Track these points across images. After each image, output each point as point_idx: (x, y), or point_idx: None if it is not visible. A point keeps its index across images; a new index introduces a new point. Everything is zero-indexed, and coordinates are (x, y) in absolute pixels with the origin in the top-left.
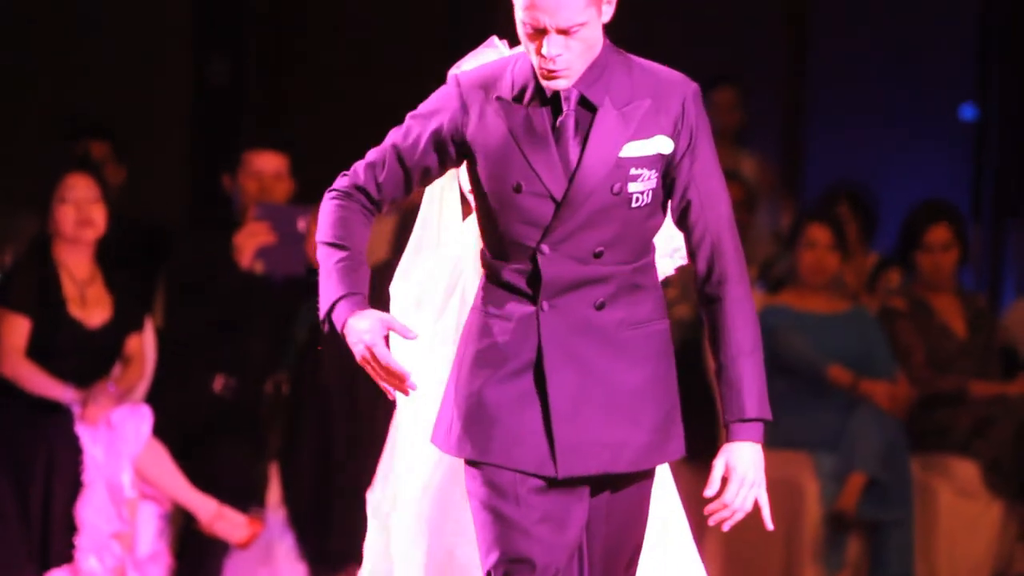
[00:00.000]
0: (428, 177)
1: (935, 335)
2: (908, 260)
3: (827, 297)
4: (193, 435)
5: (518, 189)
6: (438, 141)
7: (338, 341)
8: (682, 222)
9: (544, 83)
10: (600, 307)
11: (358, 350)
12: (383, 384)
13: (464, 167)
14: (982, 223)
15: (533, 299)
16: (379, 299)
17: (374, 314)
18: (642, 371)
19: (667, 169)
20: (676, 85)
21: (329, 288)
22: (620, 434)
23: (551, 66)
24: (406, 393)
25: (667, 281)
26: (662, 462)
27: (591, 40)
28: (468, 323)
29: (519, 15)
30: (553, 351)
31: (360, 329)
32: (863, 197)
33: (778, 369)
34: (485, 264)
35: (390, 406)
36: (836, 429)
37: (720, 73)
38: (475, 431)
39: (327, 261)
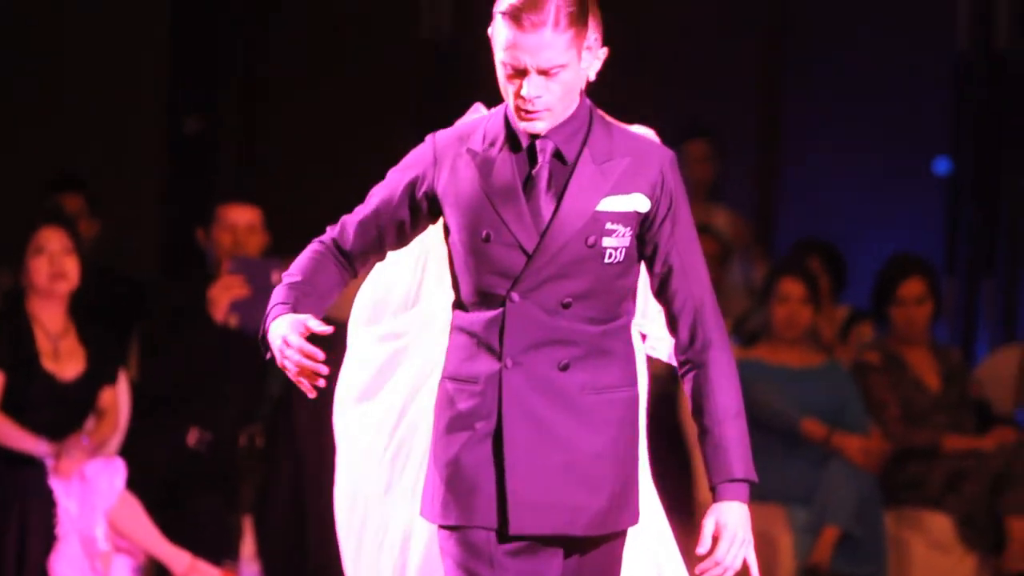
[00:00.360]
0: (403, 233)
1: (909, 389)
2: (882, 314)
3: (801, 351)
4: (167, 488)
5: (487, 239)
6: (411, 195)
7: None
8: (663, 289)
9: (522, 125)
10: (564, 368)
11: (275, 346)
12: (300, 381)
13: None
14: (956, 277)
15: (499, 355)
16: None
17: (293, 315)
18: (603, 437)
19: (643, 232)
20: (655, 150)
21: (268, 309)
22: (578, 498)
23: (530, 107)
24: (318, 380)
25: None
26: (617, 529)
27: (570, 83)
28: (439, 394)
29: (499, 56)
30: (512, 409)
31: (278, 329)
32: (833, 250)
33: (752, 423)
34: (455, 319)
35: None
36: (810, 483)
37: (693, 126)
38: (451, 496)
39: (276, 289)
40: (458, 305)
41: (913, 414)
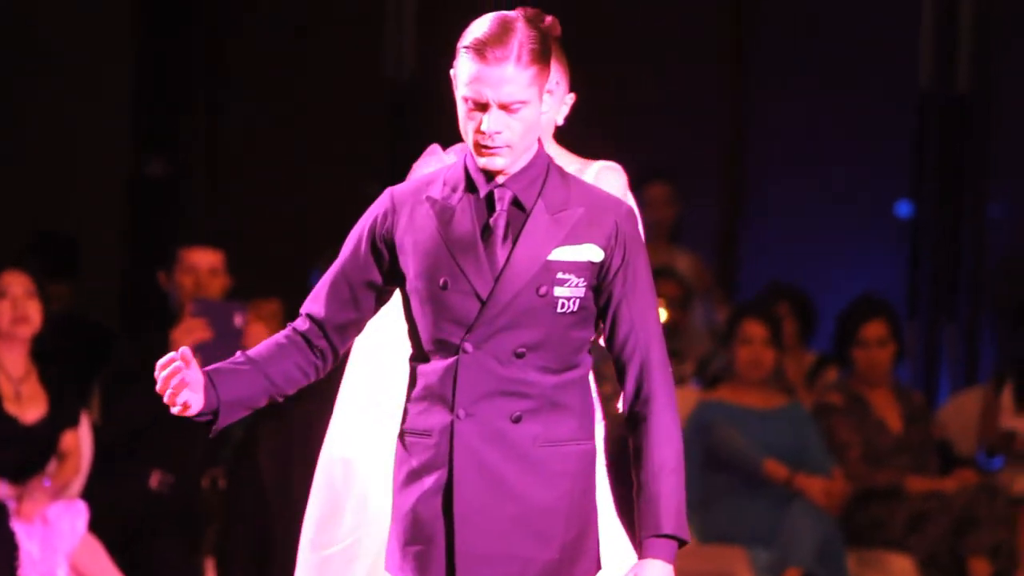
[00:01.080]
0: (376, 290)
1: (871, 430)
2: (844, 356)
3: (763, 393)
4: (129, 531)
5: (445, 287)
6: (372, 246)
7: (276, 436)
8: (612, 340)
9: (481, 161)
10: (516, 420)
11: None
12: (175, 401)
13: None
14: (918, 319)
15: (452, 408)
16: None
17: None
18: (556, 490)
19: (599, 283)
20: (611, 202)
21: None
22: (527, 550)
23: (490, 142)
24: (182, 390)
25: (601, 376)
26: None
27: (531, 122)
28: (396, 448)
29: (461, 92)
30: (463, 461)
31: None
32: (801, 296)
33: (714, 464)
34: (411, 371)
35: None
36: (772, 524)
37: (655, 168)
38: (408, 548)
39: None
40: (415, 357)
41: (875, 455)
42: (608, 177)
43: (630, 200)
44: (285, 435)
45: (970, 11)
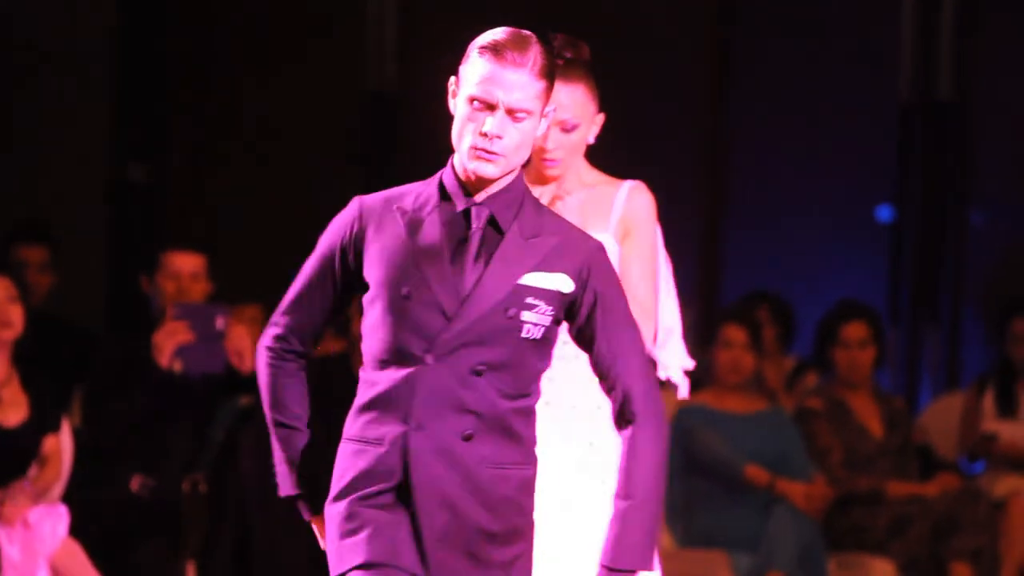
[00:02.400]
0: (341, 298)
1: (852, 435)
2: (825, 358)
3: (744, 397)
4: (110, 535)
5: (408, 297)
6: (342, 255)
7: (257, 440)
8: (597, 371)
9: (471, 166)
10: (467, 439)
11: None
12: None
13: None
14: (899, 324)
15: (406, 418)
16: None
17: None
18: (493, 512)
19: (569, 318)
20: (582, 238)
21: (279, 473)
22: (468, 568)
23: (489, 146)
24: None
25: None
26: None
27: (527, 136)
28: (340, 453)
29: (468, 91)
30: (419, 473)
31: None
32: (781, 302)
33: (695, 468)
34: (363, 381)
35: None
36: (753, 528)
37: (636, 174)
38: (356, 544)
39: (272, 437)
40: (369, 366)
41: (857, 460)
42: (638, 197)
43: (655, 223)
44: (266, 438)
45: (951, 19)
